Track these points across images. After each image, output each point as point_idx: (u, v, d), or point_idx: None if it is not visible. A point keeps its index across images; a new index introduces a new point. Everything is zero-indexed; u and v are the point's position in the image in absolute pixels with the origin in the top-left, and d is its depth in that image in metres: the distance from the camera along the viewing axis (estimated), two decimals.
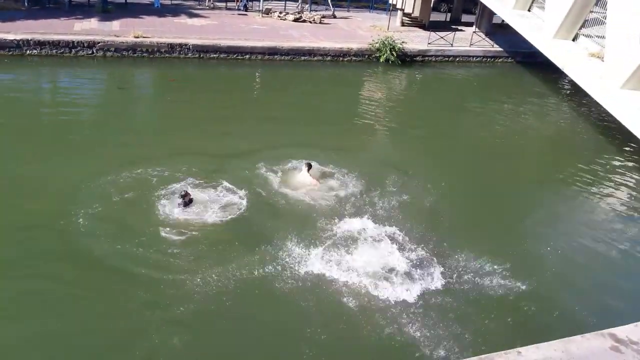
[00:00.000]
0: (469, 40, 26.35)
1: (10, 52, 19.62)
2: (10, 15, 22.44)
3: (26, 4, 24.29)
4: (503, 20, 25.85)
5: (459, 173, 14.17)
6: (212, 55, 21.97)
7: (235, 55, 22.29)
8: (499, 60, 26.66)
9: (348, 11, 33.14)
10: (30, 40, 19.77)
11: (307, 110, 18.19)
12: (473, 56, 26.12)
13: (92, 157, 12.72)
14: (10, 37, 19.68)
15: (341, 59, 23.86)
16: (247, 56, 22.46)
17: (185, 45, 21.54)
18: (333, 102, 19.32)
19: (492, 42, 26.77)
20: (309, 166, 11.57)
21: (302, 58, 23.25)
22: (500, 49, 26.61)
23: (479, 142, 17.00)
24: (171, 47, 21.39)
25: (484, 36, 27.03)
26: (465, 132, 18.23)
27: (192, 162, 12.50)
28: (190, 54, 21.67)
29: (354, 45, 24.12)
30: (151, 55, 21.16)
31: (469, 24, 29.47)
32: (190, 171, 12.02)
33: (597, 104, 16.14)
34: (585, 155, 16.60)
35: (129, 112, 16.89)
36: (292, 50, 23.05)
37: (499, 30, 28.00)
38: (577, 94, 21.31)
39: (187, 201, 10.11)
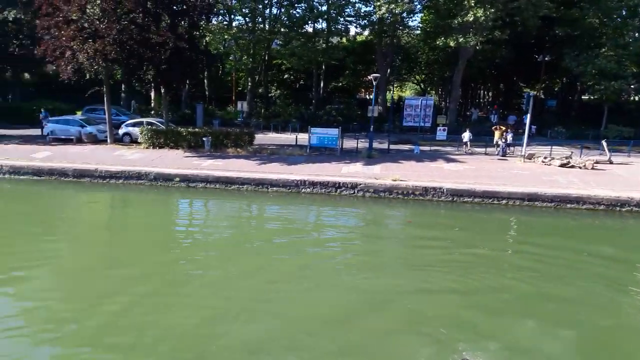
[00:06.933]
0: None
1: (290, 190, 22.98)
2: (295, 159, 26.87)
3: (307, 150, 28.78)
4: None
5: None
6: (465, 199, 21.51)
7: (490, 200, 21.34)
8: None
9: (629, 156, 29.17)
10: (306, 180, 22.92)
11: (569, 267, 15.34)
12: None
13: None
14: (292, 177, 23.23)
15: (618, 209, 20.41)
16: (504, 201, 21.23)
17: (440, 189, 21.75)
18: (608, 263, 16.00)
19: None
20: None
21: (568, 206, 20.75)
22: None
23: None
24: (425, 190, 21.86)
25: None
26: None
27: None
28: (443, 197, 21.68)
29: (636, 195, 20.49)
30: (405, 197, 21.93)
31: None
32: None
33: None
34: None
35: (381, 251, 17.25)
36: (556, 197, 20.88)
37: None
38: None
39: None
